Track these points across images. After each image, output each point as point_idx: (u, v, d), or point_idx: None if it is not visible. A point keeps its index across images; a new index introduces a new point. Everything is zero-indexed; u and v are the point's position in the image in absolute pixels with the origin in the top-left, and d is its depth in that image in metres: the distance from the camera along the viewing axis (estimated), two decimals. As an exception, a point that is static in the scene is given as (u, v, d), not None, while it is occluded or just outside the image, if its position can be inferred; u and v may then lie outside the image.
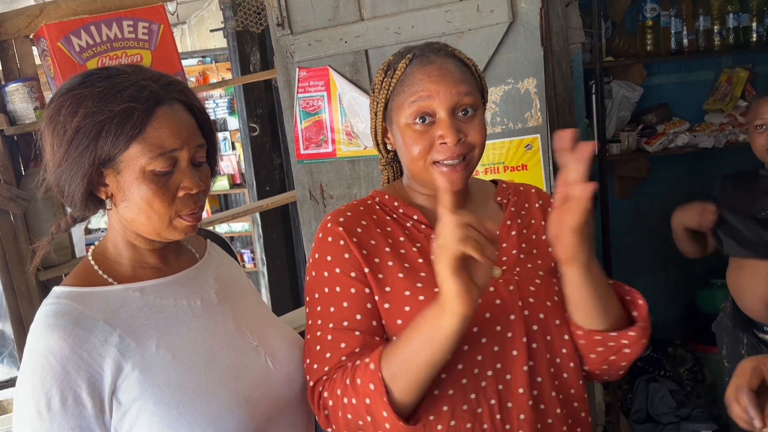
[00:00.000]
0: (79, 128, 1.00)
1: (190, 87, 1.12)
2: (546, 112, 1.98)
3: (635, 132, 3.12)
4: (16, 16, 2.27)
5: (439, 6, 1.99)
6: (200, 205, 1.09)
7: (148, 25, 2.24)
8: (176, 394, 1.03)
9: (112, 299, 1.06)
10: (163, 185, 1.03)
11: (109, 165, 1.02)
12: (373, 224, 1.19)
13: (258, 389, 1.12)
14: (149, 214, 1.04)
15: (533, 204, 1.29)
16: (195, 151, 1.06)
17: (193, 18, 6.73)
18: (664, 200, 3.36)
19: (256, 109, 3.14)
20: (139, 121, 1.00)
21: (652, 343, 3.21)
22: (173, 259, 1.18)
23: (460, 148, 1.12)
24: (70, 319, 1.01)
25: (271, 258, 3.26)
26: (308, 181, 2.25)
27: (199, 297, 1.16)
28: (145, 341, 1.05)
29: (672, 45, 3.05)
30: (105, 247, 1.13)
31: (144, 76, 1.04)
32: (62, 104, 1.02)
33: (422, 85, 1.12)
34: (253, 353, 1.15)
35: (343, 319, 1.12)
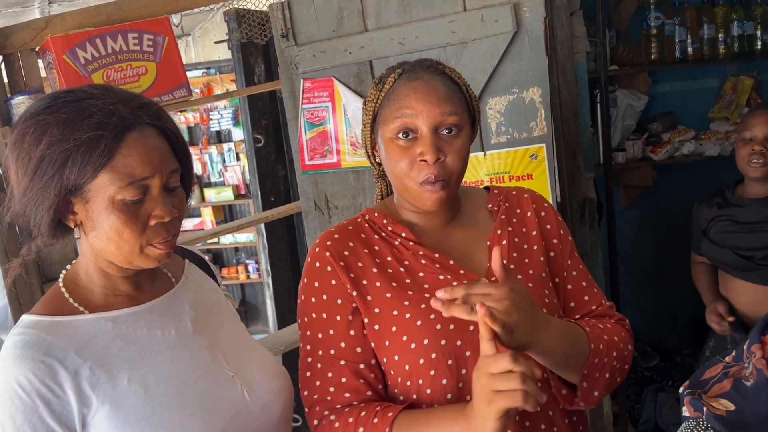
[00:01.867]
0: (43, 157, 0.95)
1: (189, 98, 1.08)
2: (551, 122, 1.97)
3: (640, 140, 3.11)
4: (22, 30, 2.28)
5: (443, 16, 2.00)
6: (173, 233, 1.04)
7: (153, 37, 2.25)
8: (146, 430, 1.00)
9: (83, 329, 1.02)
10: (133, 214, 0.99)
11: (77, 193, 0.98)
12: (361, 245, 1.19)
13: (234, 422, 1.08)
14: (119, 244, 1.00)
15: (526, 210, 1.27)
16: (168, 177, 1.02)
17: (197, 30, 6.76)
18: (670, 209, 3.34)
19: (261, 120, 3.14)
20: (107, 149, 0.95)
21: (660, 353, 3.19)
22: (147, 286, 1.13)
23: (438, 169, 1.10)
24: (39, 350, 0.97)
25: (276, 269, 3.25)
26: (313, 192, 2.25)
27: (174, 326, 1.11)
28: (117, 374, 1.01)
29: (677, 53, 3.04)
30: (76, 274, 1.09)
31: (113, 99, 0.99)
32: (26, 130, 0.97)
33: (407, 101, 1.11)
34: (229, 384, 1.11)
35: (329, 347, 1.14)
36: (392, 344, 1.12)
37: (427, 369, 1.10)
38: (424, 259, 1.17)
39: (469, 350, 1.11)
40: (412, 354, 1.10)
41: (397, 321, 1.12)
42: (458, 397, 1.10)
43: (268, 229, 3.20)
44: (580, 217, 2.17)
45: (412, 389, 1.12)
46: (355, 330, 1.14)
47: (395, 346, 1.12)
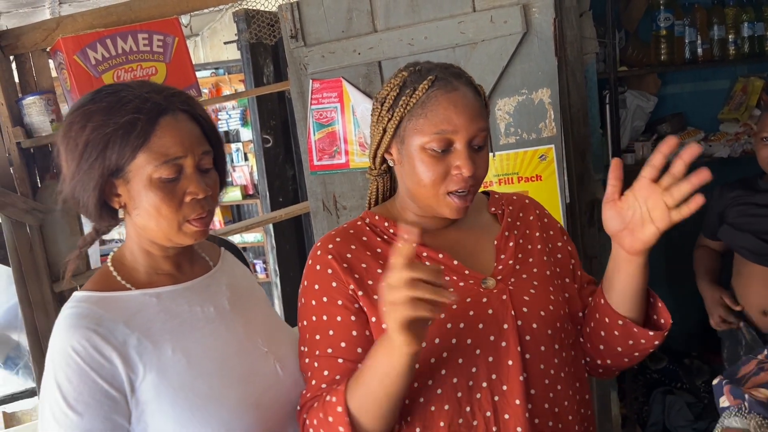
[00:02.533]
0: (88, 142, 1.05)
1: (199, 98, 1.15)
2: (560, 123, 1.97)
3: (650, 142, 3.09)
4: (33, 30, 2.30)
5: (452, 17, 2.00)
6: (208, 210, 1.12)
7: (163, 37, 2.26)
8: (190, 397, 1.08)
9: (131, 304, 1.11)
10: (170, 191, 1.07)
11: (120, 175, 1.07)
12: (363, 247, 1.19)
13: (267, 394, 1.16)
14: (158, 220, 1.08)
15: (528, 214, 1.30)
16: (200, 158, 1.10)
17: (206, 30, 6.78)
18: (678, 210, 3.33)
19: (270, 121, 3.15)
20: (142, 131, 1.05)
21: (669, 355, 3.17)
22: (187, 267, 1.22)
23: (470, 181, 1.13)
24: (91, 321, 1.06)
25: (284, 269, 3.26)
26: (321, 192, 2.25)
27: (212, 304, 1.19)
28: (162, 345, 1.10)
29: (686, 54, 3.02)
30: (123, 255, 1.18)
31: (148, 89, 1.09)
32: (73, 121, 1.08)
33: (448, 115, 1.11)
34: (263, 359, 1.19)
35: (327, 346, 1.14)
36: None
37: (438, 368, 1.10)
38: (428, 261, 1.18)
39: (479, 348, 1.12)
40: (422, 353, 1.08)
41: None
42: (468, 396, 1.11)
43: (276, 230, 3.20)
44: (588, 218, 2.17)
45: (421, 389, 1.12)
46: (357, 331, 1.14)
47: None
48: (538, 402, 1.14)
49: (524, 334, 1.13)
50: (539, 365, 1.14)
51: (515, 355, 1.11)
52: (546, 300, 1.18)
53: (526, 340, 1.13)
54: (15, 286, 2.28)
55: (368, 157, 1.28)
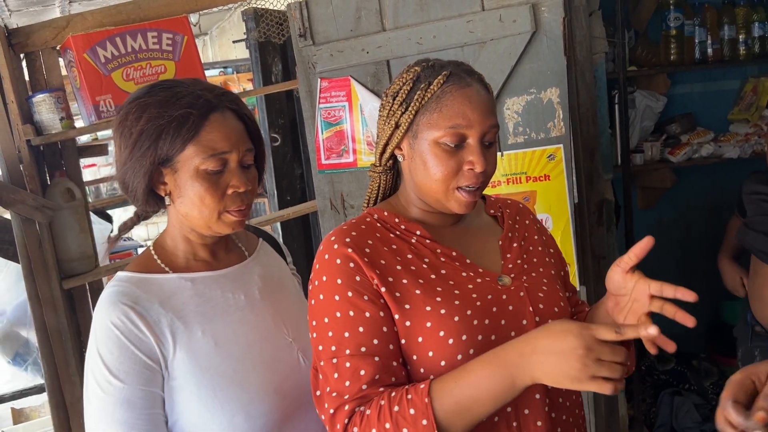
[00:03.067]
0: (142, 131, 1.13)
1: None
2: (569, 122, 1.96)
3: (659, 142, 3.08)
4: (43, 28, 2.30)
5: (461, 16, 1.99)
6: (247, 203, 1.20)
7: (172, 36, 2.26)
8: (214, 378, 1.15)
9: (167, 286, 1.19)
10: (214, 183, 1.15)
11: (168, 165, 1.15)
12: (379, 243, 1.16)
13: (288, 381, 1.22)
14: (201, 209, 1.16)
15: (524, 219, 1.33)
16: (243, 154, 1.18)
17: (214, 29, 6.81)
18: (688, 211, 3.32)
19: (278, 120, 3.15)
20: (194, 125, 1.12)
21: (677, 357, 3.16)
22: (223, 255, 1.29)
23: (481, 177, 1.15)
24: (129, 299, 1.14)
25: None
26: (329, 191, 2.25)
27: (243, 292, 1.26)
28: (193, 326, 1.17)
29: (696, 54, 3.02)
30: (164, 240, 1.26)
31: (201, 87, 1.17)
32: (129, 111, 1.16)
33: (463, 111, 1.13)
34: (287, 348, 1.26)
35: (359, 344, 1.08)
36: (426, 340, 1.09)
37: (464, 363, 1.08)
38: (443, 257, 1.18)
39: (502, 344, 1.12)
40: (449, 350, 1.08)
41: (432, 317, 1.09)
42: None
43: (283, 228, 3.20)
44: (597, 218, 2.16)
45: None
46: (387, 326, 1.10)
47: (430, 342, 1.09)
48: (555, 396, 1.16)
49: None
50: None
51: None
52: (557, 297, 1.21)
53: None
54: (24, 283, 2.29)
55: (375, 152, 1.26)
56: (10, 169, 2.24)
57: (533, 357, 0.98)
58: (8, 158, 2.24)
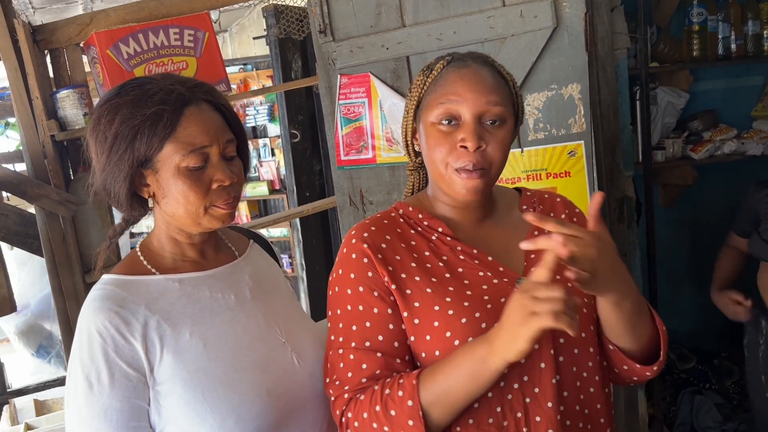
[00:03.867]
0: (117, 134, 1.09)
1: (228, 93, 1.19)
2: (590, 119, 1.95)
3: (680, 139, 3.05)
4: (68, 25, 2.34)
5: (481, 12, 1.99)
6: (234, 195, 1.16)
7: (194, 32, 2.28)
8: (203, 380, 1.11)
9: (153, 287, 1.15)
10: (197, 179, 1.11)
11: (148, 165, 1.11)
12: (398, 239, 1.17)
13: (282, 383, 1.17)
14: (187, 207, 1.12)
15: (559, 214, 1.27)
16: (225, 146, 1.13)
17: (234, 26, 6.84)
18: (710, 209, 3.28)
19: (297, 116, 3.17)
20: (169, 122, 1.08)
21: (697, 356, 3.14)
22: (212, 255, 1.25)
23: (478, 157, 1.10)
24: (114, 302, 1.10)
25: (311, 263, 3.28)
26: (348, 187, 2.26)
27: (233, 292, 1.22)
28: (180, 328, 1.13)
29: (719, 50, 2.98)
30: (150, 241, 1.22)
31: (172, 81, 1.13)
32: (101, 114, 1.11)
33: (454, 87, 1.12)
34: (280, 349, 1.21)
35: (365, 339, 1.12)
36: (434, 339, 1.10)
37: None
38: (463, 255, 1.16)
39: None
40: (454, 350, 1.08)
41: (440, 317, 1.10)
42: (499, 396, 1.09)
43: (303, 224, 3.22)
44: (618, 215, 2.14)
45: None
46: (393, 324, 1.12)
47: (437, 342, 1.10)
48: (570, 404, 1.12)
49: (558, 337, 1.11)
50: (572, 368, 1.13)
51: (548, 358, 1.10)
52: (579, 302, 1.15)
53: (560, 342, 1.12)
54: (48, 277, 2.33)
55: (402, 147, 1.28)
56: (35, 164, 2.28)
57: (498, 330, 0.99)
58: (33, 153, 2.27)
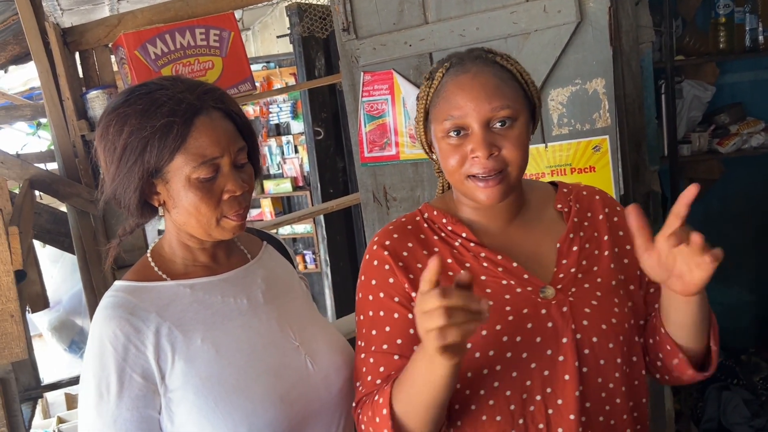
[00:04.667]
0: (126, 145, 1.07)
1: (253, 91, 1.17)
2: (615, 113, 1.94)
3: (707, 133, 3.02)
4: (96, 27, 2.38)
5: (504, 7, 1.98)
6: (245, 205, 1.14)
7: (219, 32, 2.31)
8: (215, 387, 1.09)
9: (165, 294, 1.13)
10: (208, 191, 1.09)
11: (158, 176, 1.09)
12: (420, 246, 1.16)
13: (295, 389, 1.15)
14: (198, 218, 1.10)
15: (597, 213, 1.21)
16: (236, 155, 1.11)
17: (257, 24, 6.89)
18: (737, 203, 3.24)
19: (321, 113, 3.19)
20: (179, 133, 1.05)
21: (725, 351, 3.11)
22: (224, 259, 1.23)
23: (493, 163, 1.07)
24: (125, 310, 1.09)
25: (335, 259, 3.30)
26: (372, 184, 2.28)
27: (246, 296, 1.20)
28: (192, 334, 1.11)
29: (747, 42, 2.94)
30: (162, 247, 1.20)
31: (181, 88, 1.09)
32: (109, 123, 1.09)
33: (455, 100, 1.09)
34: (293, 353, 1.19)
35: (383, 342, 1.13)
36: None
37: (491, 380, 1.08)
38: (486, 262, 1.14)
39: (535, 362, 1.08)
40: (475, 363, 1.08)
41: None
42: (521, 408, 1.08)
43: (327, 221, 3.25)
44: (644, 210, 2.13)
45: (473, 398, 1.10)
46: (414, 328, 1.01)
47: None
48: (594, 415, 1.10)
49: (583, 348, 1.09)
50: (597, 379, 1.10)
51: (572, 370, 1.07)
52: (609, 312, 1.12)
53: (585, 353, 1.09)
54: (79, 273, 2.38)
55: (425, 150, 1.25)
56: (66, 164, 2.33)
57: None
58: (64, 153, 2.32)
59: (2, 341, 1.43)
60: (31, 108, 3.27)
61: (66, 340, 4.19)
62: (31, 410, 2.33)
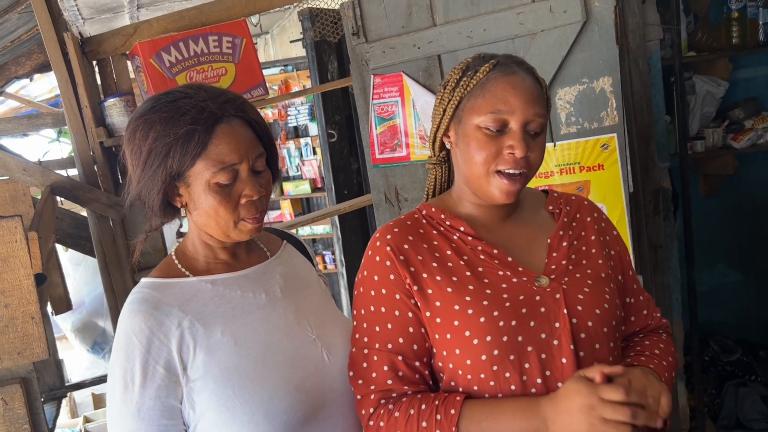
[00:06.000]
0: (151, 150, 1.13)
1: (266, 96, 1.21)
2: (623, 111, 1.95)
3: (720, 128, 3.00)
4: (113, 36, 2.44)
5: (511, 8, 2.01)
6: (261, 209, 1.20)
7: (232, 39, 2.36)
8: (233, 377, 1.15)
9: (187, 289, 1.20)
10: (226, 195, 1.15)
11: (180, 179, 1.15)
12: (420, 239, 1.22)
13: (311, 379, 1.21)
14: (217, 220, 1.17)
15: (585, 216, 1.30)
16: (254, 161, 1.17)
17: (275, 28, 6.95)
18: (752, 198, 3.22)
19: (334, 116, 3.23)
20: (200, 140, 1.12)
21: (742, 347, 3.09)
22: (243, 256, 1.29)
23: (523, 163, 1.15)
24: (150, 305, 1.15)
25: (350, 259, 3.33)
26: (383, 185, 2.31)
27: (264, 291, 1.26)
28: (212, 327, 1.17)
29: (760, 37, 2.92)
30: (185, 246, 1.27)
31: (203, 96, 1.15)
32: (136, 128, 1.16)
33: (505, 96, 1.15)
34: (310, 345, 1.25)
35: (387, 341, 1.18)
36: (454, 338, 1.15)
37: (490, 364, 1.13)
38: (483, 255, 1.20)
39: (531, 346, 1.13)
40: (474, 349, 1.13)
41: (459, 316, 1.14)
42: (522, 388, 1.13)
43: (342, 221, 3.28)
44: (653, 207, 2.14)
45: (473, 382, 1.15)
46: (413, 327, 1.18)
47: (457, 341, 1.14)
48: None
49: (579, 332, 1.14)
50: (593, 362, 1.14)
51: (569, 353, 1.12)
52: (601, 299, 1.18)
53: (581, 337, 1.14)
54: (100, 276, 2.44)
55: (428, 142, 1.31)
56: (86, 170, 2.39)
57: (556, 415, 1.04)
58: (83, 159, 2.39)
59: (24, 342, 1.49)
60: (52, 116, 3.36)
61: (89, 341, 4.27)
62: (55, 410, 2.40)
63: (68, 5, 3.44)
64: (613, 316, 1.19)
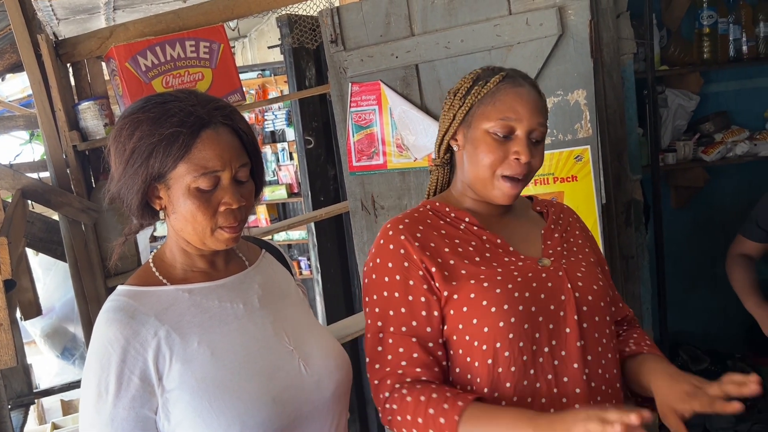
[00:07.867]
0: (134, 149, 1.13)
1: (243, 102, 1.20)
2: (596, 123, 1.98)
3: (691, 141, 3.06)
4: (89, 39, 2.42)
5: (488, 20, 2.03)
6: (240, 219, 1.19)
7: (209, 44, 2.35)
8: (210, 388, 1.14)
9: (164, 298, 1.19)
10: (206, 201, 1.14)
11: (161, 181, 1.14)
12: (430, 228, 1.30)
13: (287, 391, 1.20)
14: (194, 225, 1.16)
15: (568, 217, 1.45)
16: (237, 170, 1.16)
17: (253, 32, 6.93)
18: (722, 210, 3.28)
19: (312, 122, 3.22)
20: (184, 143, 1.11)
21: (711, 356, 3.14)
22: (222, 265, 1.28)
23: (526, 168, 1.27)
24: (126, 313, 1.14)
25: (326, 266, 3.33)
26: (360, 192, 2.31)
27: (242, 301, 1.25)
28: (189, 337, 1.16)
29: (731, 52, 2.98)
30: (163, 252, 1.26)
31: (193, 101, 1.15)
32: (123, 126, 1.15)
33: (513, 105, 1.26)
34: (287, 356, 1.24)
35: (401, 324, 1.25)
36: (471, 309, 1.22)
37: (506, 331, 1.20)
38: (488, 243, 1.30)
39: (542, 316, 1.23)
40: (492, 317, 1.21)
41: (476, 289, 1.23)
42: (532, 359, 1.21)
43: (318, 228, 3.27)
44: (625, 218, 2.17)
45: (488, 353, 1.21)
46: (426, 311, 1.25)
47: (474, 311, 1.22)
48: (594, 366, 1.25)
49: (581, 305, 1.26)
50: (594, 333, 1.26)
51: (573, 324, 1.24)
52: (596, 278, 1.32)
53: (583, 310, 1.26)
54: (71, 281, 2.41)
55: (435, 145, 1.41)
56: (58, 174, 2.36)
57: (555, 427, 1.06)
58: (56, 163, 2.35)
59: (-9, 349, 1.47)
60: (24, 118, 3.31)
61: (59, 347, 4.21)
62: (23, 416, 2.36)
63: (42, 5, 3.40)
64: (606, 293, 1.32)
